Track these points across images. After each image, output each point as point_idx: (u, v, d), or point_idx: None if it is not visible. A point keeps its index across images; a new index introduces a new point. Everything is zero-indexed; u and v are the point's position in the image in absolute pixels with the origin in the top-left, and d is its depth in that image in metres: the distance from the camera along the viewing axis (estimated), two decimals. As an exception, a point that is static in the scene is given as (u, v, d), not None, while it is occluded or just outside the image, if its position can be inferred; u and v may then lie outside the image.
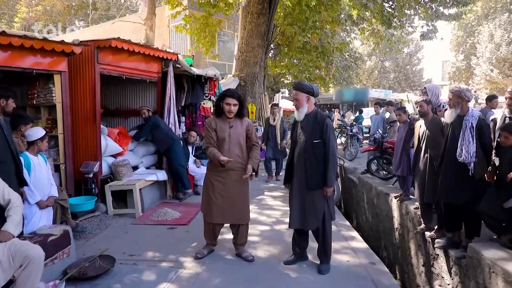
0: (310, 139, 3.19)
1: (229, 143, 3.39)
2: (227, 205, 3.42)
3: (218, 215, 3.44)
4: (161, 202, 5.75)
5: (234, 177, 3.43)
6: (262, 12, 11.14)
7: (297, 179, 3.29)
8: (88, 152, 5.10)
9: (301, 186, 3.26)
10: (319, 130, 3.18)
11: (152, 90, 6.50)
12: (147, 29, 10.16)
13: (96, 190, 5.09)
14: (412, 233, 4.66)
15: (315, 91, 3.27)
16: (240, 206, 3.46)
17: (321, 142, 3.18)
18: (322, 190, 3.21)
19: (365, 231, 6.78)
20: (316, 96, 3.32)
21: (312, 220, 3.24)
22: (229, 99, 3.34)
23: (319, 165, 3.18)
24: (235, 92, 3.42)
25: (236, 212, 3.45)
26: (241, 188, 3.48)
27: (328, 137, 3.16)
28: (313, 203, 3.22)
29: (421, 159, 4.11)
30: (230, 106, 3.34)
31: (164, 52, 5.96)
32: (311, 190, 3.20)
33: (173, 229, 4.58)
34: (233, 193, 3.43)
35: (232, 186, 3.42)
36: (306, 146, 3.21)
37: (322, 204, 3.23)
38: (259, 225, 4.68)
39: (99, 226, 4.66)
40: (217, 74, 7.68)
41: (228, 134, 3.40)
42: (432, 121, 4.03)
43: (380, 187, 6.04)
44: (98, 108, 5.07)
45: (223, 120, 3.44)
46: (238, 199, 3.45)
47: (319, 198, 3.22)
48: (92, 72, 4.95)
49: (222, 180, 3.43)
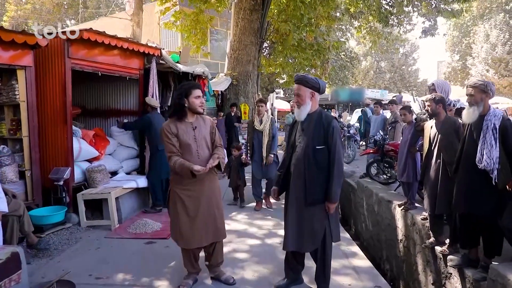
0: (312, 144, 2.68)
1: (196, 148, 2.84)
2: (203, 222, 2.86)
3: (196, 238, 2.86)
4: (142, 211, 5.22)
5: (207, 187, 2.89)
6: (255, 8, 10.67)
7: (294, 191, 2.78)
8: (58, 156, 4.57)
9: (298, 201, 2.75)
10: (323, 133, 2.67)
11: (134, 89, 5.97)
12: (133, 25, 9.62)
13: (68, 199, 4.56)
14: (419, 246, 4.18)
15: (321, 86, 2.74)
16: (217, 220, 2.93)
17: (325, 148, 2.66)
18: (323, 205, 2.71)
19: (365, 239, 6.30)
20: (321, 93, 2.80)
21: (310, 242, 2.74)
22: (197, 91, 2.81)
23: (321, 176, 2.67)
24: (196, 83, 2.96)
25: (214, 228, 2.91)
26: (215, 198, 2.95)
27: (334, 143, 2.65)
28: (311, 222, 2.71)
29: (432, 165, 3.64)
30: (201, 99, 2.83)
31: (145, 46, 5.44)
32: (310, 206, 2.70)
33: (151, 244, 4.05)
34: (208, 207, 2.89)
35: (205, 199, 2.88)
36: (306, 152, 2.69)
37: (323, 223, 2.73)
38: (249, 238, 4.17)
39: (68, 240, 4.13)
40: (206, 71, 7.16)
41: (193, 137, 2.84)
42: (445, 122, 3.55)
43: (381, 193, 5.56)
44: (69, 107, 4.54)
45: (184, 123, 2.86)
46: (214, 212, 2.91)
47: (319, 216, 2.72)
48: (62, 68, 4.42)
49: (194, 194, 2.86)
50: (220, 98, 10.98)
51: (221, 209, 3.01)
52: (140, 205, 5.31)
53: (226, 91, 10.84)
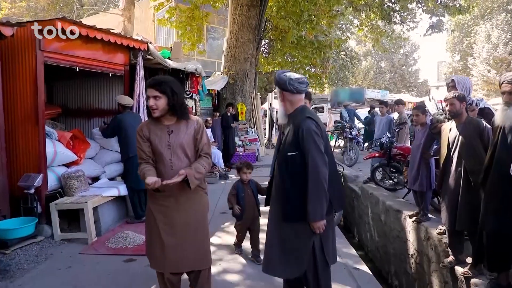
0: (284, 151, 2.27)
1: (170, 157, 2.32)
2: (177, 246, 2.34)
3: (170, 262, 2.35)
4: (124, 221, 4.71)
5: (182, 206, 2.36)
6: (253, 4, 10.21)
7: (274, 204, 2.36)
8: (29, 161, 4.08)
9: (277, 216, 2.31)
10: (295, 138, 2.21)
11: (119, 86, 5.49)
12: (124, 20, 9.12)
13: (40, 209, 4.07)
14: (435, 264, 3.70)
15: (285, 82, 2.23)
16: (196, 245, 2.39)
17: (297, 155, 2.20)
18: (305, 223, 2.21)
19: (370, 250, 5.83)
20: (289, 90, 2.25)
21: (294, 266, 2.24)
22: (148, 91, 2.30)
23: (297, 188, 2.20)
24: (157, 80, 2.33)
25: (193, 254, 2.38)
26: (196, 221, 2.38)
27: (306, 147, 2.15)
28: (293, 241, 2.24)
29: (452, 173, 3.16)
30: (150, 100, 2.27)
31: (130, 39, 4.96)
32: (290, 222, 2.24)
33: (130, 262, 3.56)
34: (185, 229, 2.36)
35: (181, 219, 2.36)
36: (282, 159, 2.29)
37: (308, 243, 2.22)
38: (241, 256, 3.68)
39: (37, 257, 3.63)
40: (198, 68, 6.69)
41: (166, 144, 2.33)
42: (467, 124, 3.08)
43: (389, 201, 5.08)
44: (41, 106, 4.05)
45: (160, 125, 2.36)
46: (193, 235, 2.37)
47: (302, 234, 2.22)
48: (32, 62, 3.93)
49: (168, 212, 2.35)
50: (216, 97, 10.51)
51: (204, 233, 2.47)
52: (123, 215, 4.81)
53: (223, 91, 10.37)
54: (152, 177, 2.20)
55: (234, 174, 8.17)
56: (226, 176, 7.70)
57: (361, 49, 35.50)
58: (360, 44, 36.20)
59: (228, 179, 7.58)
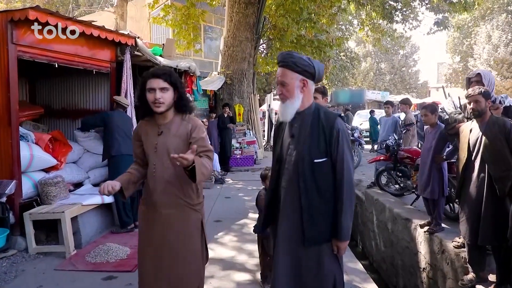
0: (309, 157, 1.81)
1: (154, 161, 1.98)
2: (154, 262, 1.99)
3: (147, 277, 2.01)
4: (109, 232, 4.32)
5: (164, 220, 1.99)
6: (250, 2, 9.88)
7: (286, 226, 1.88)
8: (0, 166, 3.69)
9: (291, 239, 1.87)
10: (324, 140, 1.81)
11: (105, 85, 5.11)
12: (117, 17, 8.76)
13: (12, 219, 3.69)
14: (452, 281, 3.31)
15: (316, 70, 1.85)
16: (178, 269, 1.99)
17: (327, 161, 1.81)
18: (329, 244, 1.85)
19: (375, 261, 5.44)
20: (318, 80, 1.92)
21: None
22: (152, 82, 1.93)
23: (324, 203, 1.81)
24: (162, 69, 2.00)
25: (172, 277, 1.98)
26: (178, 238, 1.99)
27: (341, 153, 1.80)
28: (313, 268, 1.84)
29: (473, 180, 2.79)
30: (155, 93, 1.91)
31: (116, 33, 4.58)
32: (311, 247, 1.84)
33: (110, 280, 3.17)
34: (166, 246, 1.98)
35: (161, 234, 1.99)
36: (301, 169, 1.82)
37: (330, 269, 1.85)
38: (236, 272, 3.29)
39: (5, 274, 3.24)
40: (192, 67, 6.32)
41: (153, 146, 1.98)
42: (491, 124, 2.70)
43: (396, 208, 4.70)
44: (15, 105, 3.67)
45: (152, 125, 2.04)
46: (171, 257, 1.98)
47: (324, 259, 1.84)
48: (4, 56, 3.55)
49: (149, 219, 2.03)
50: (213, 98, 10.14)
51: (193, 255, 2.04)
52: (108, 225, 4.42)
53: (220, 91, 10.01)
54: (117, 184, 1.94)
55: (230, 178, 7.81)
56: (222, 180, 7.32)
57: (360, 50, 35.23)
58: (360, 45, 35.95)
59: (224, 184, 7.20)
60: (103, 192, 1.91)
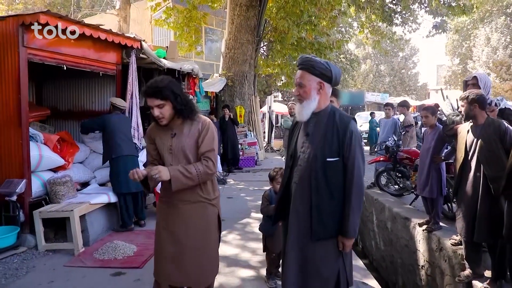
0: (322, 155, 1.92)
1: (170, 162, 2.10)
2: (175, 257, 2.11)
3: (163, 270, 2.13)
4: (115, 230, 4.42)
5: (183, 215, 2.12)
6: (252, 4, 10.00)
7: (296, 221, 2.00)
8: (11, 166, 3.80)
9: (300, 234, 1.98)
10: (337, 141, 1.92)
11: (111, 87, 5.22)
12: (120, 20, 8.87)
13: (23, 217, 3.79)
14: (449, 277, 3.43)
15: (333, 74, 1.97)
16: (194, 260, 2.11)
17: (339, 161, 1.91)
18: (335, 241, 1.95)
19: (375, 259, 5.55)
20: (335, 84, 2.03)
21: None
22: (149, 101, 2.05)
23: (334, 200, 1.92)
24: (153, 86, 2.04)
25: (188, 268, 2.11)
26: (196, 232, 2.12)
27: (353, 154, 1.90)
28: (319, 264, 1.95)
29: (470, 179, 2.90)
30: (153, 110, 2.04)
31: (122, 36, 4.69)
32: (318, 241, 1.94)
33: (119, 276, 3.27)
34: (184, 239, 2.11)
35: (181, 228, 2.12)
36: (313, 166, 1.92)
37: (335, 265, 1.96)
38: (240, 268, 3.39)
39: (17, 270, 3.34)
40: (195, 69, 6.43)
41: (168, 148, 2.11)
42: (486, 126, 2.82)
43: (396, 208, 4.81)
44: (25, 107, 3.77)
45: (163, 128, 2.14)
46: (192, 249, 2.10)
47: (330, 256, 1.95)
48: (15, 59, 3.65)
49: (167, 218, 2.15)
50: (214, 100, 10.26)
51: (206, 250, 2.16)
52: (114, 223, 4.51)
53: (221, 93, 10.13)
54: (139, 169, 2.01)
55: (232, 178, 7.90)
56: (224, 181, 7.41)
57: (360, 52, 35.38)
58: (359, 47, 36.11)
59: (226, 184, 7.29)
60: (132, 176, 1.98)
